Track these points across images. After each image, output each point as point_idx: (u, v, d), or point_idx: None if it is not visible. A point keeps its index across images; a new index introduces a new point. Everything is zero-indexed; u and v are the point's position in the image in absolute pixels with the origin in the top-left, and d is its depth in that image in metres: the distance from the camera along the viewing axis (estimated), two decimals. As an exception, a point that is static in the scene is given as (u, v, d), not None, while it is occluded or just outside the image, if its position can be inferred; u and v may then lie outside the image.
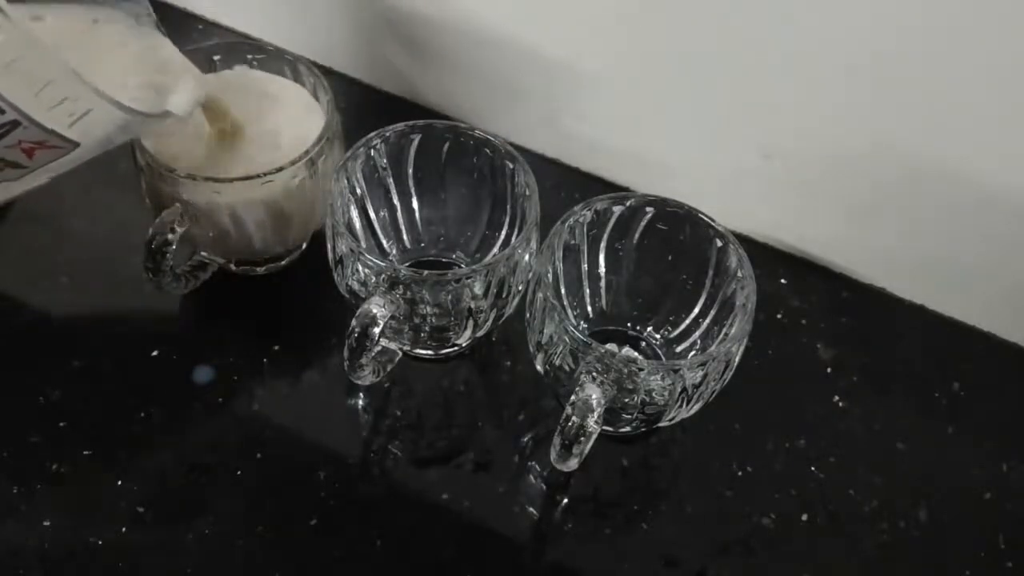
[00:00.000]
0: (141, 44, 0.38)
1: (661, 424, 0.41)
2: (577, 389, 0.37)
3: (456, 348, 0.45)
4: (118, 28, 0.38)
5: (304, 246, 0.48)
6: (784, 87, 0.45)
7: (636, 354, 0.45)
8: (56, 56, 0.30)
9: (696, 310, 0.43)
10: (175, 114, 0.38)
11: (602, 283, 0.45)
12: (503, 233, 0.45)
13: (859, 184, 0.47)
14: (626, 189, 0.53)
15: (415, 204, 0.47)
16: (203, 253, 0.46)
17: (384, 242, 0.47)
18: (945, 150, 0.43)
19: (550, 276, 0.41)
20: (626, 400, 0.38)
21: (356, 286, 0.40)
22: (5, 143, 0.32)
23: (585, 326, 0.46)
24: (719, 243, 0.41)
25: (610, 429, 0.42)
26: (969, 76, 0.40)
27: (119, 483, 0.41)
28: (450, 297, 0.39)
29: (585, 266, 0.45)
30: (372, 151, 0.43)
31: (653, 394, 0.38)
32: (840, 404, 0.46)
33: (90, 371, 0.44)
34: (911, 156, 0.44)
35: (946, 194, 0.45)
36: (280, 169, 0.41)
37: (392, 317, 0.38)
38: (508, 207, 0.44)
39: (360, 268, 0.39)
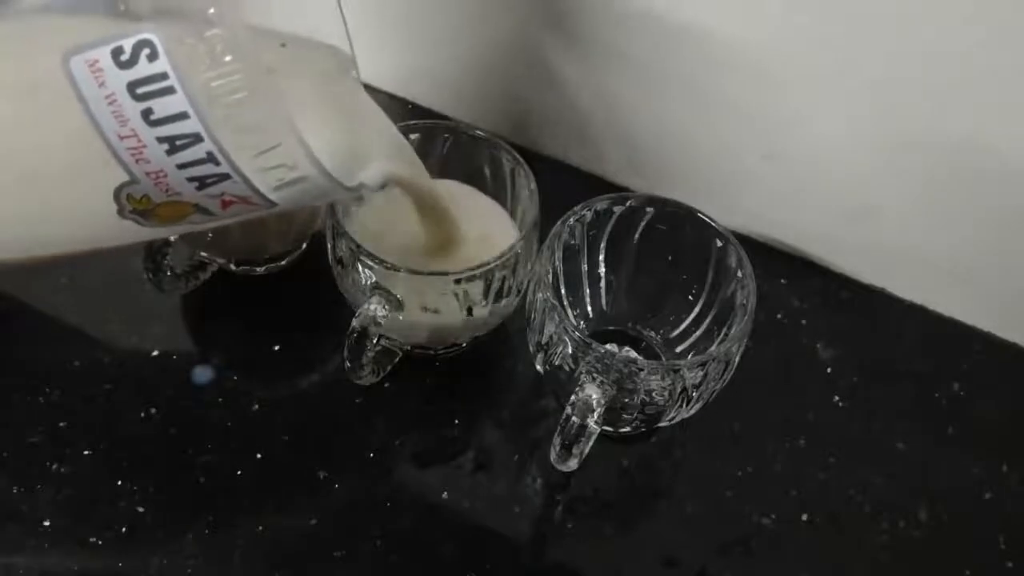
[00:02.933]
0: (350, 105, 0.36)
1: (661, 424, 0.41)
2: (577, 389, 0.37)
3: (457, 348, 0.45)
4: (340, 81, 0.36)
5: (304, 246, 0.48)
6: (788, 92, 0.45)
7: (636, 354, 0.45)
8: (291, 123, 0.29)
9: (696, 310, 0.43)
10: (368, 186, 0.35)
11: (602, 283, 0.45)
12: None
13: (859, 184, 0.47)
14: (626, 189, 0.53)
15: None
16: (203, 253, 0.46)
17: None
18: (945, 152, 0.44)
19: (550, 276, 0.41)
20: (626, 400, 0.38)
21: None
22: (209, 192, 0.31)
23: (585, 326, 0.46)
24: (719, 243, 0.41)
25: (610, 429, 0.42)
26: (969, 78, 0.40)
27: (119, 483, 0.41)
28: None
29: (585, 266, 0.45)
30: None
31: (653, 394, 0.38)
32: (840, 404, 0.46)
33: (90, 371, 0.44)
34: (912, 156, 0.44)
35: (947, 194, 0.45)
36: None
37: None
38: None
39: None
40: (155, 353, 0.45)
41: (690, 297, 0.43)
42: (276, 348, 0.46)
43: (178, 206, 0.32)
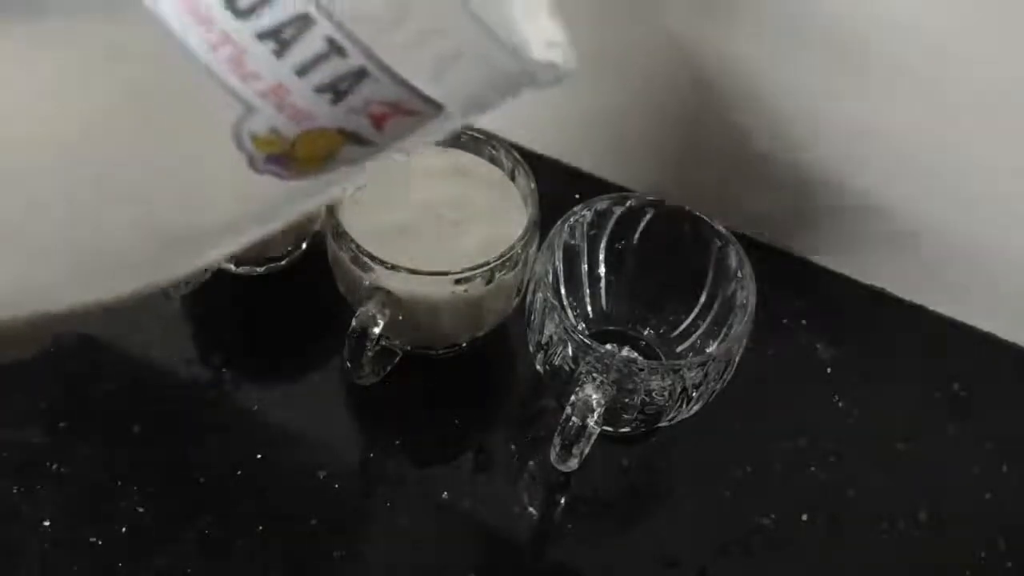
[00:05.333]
0: None
1: (661, 424, 0.41)
2: (577, 389, 0.37)
3: (457, 348, 0.45)
4: None
5: (304, 246, 0.48)
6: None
7: (636, 354, 0.45)
8: None
9: (696, 310, 0.43)
10: (566, 69, 0.25)
11: (602, 283, 0.45)
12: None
13: (858, 186, 0.47)
14: (626, 189, 0.53)
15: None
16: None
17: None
18: (947, 154, 0.44)
19: (550, 276, 0.41)
20: (626, 400, 0.38)
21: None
22: (348, 104, 0.22)
23: (585, 326, 0.46)
24: (719, 243, 0.41)
25: (610, 429, 0.42)
26: (970, 83, 0.40)
27: (119, 483, 0.41)
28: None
29: (585, 266, 0.45)
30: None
31: (653, 394, 0.38)
32: (840, 404, 0.46)
33: (89, 371, 0.44)
34: (912, 159, 0.44)
35: (946, 195, 0.45)
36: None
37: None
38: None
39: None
40: (155, 353, 0.45)
41: (690, 297, 0.43)
42: (276, 348, 0.46)
43: (319, 137, 0.23)
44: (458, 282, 0.39)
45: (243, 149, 0.22)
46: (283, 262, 0.48)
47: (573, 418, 0.36)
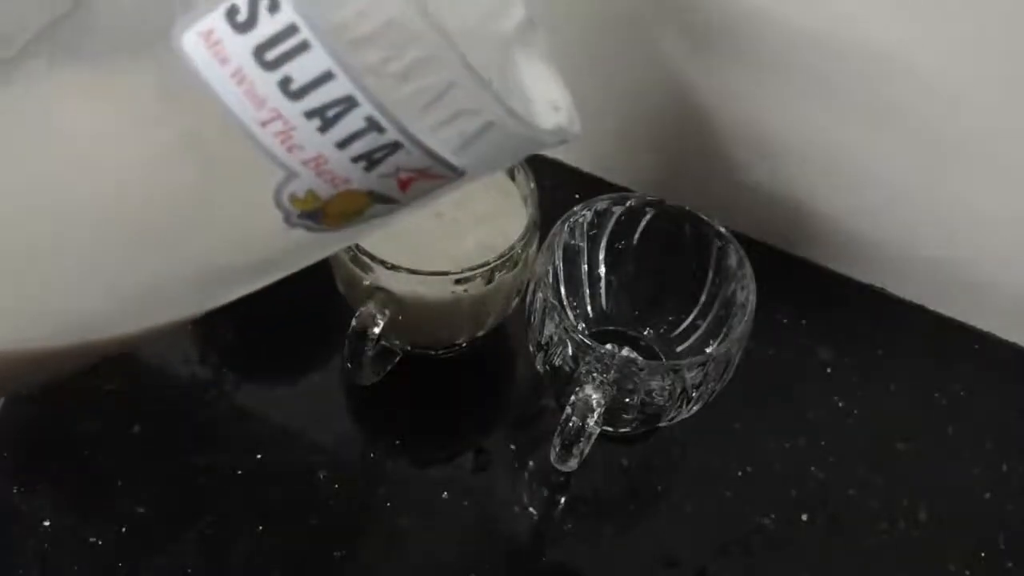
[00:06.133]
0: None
1: (661, 424, 0.41)
2: (577, 390, 0.37)
3: (457, 348, 0.45)
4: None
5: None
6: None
7: (636, 354, 0.45)
8: (460, 53, 0.22)
9: (696, 310, 0.43)
10: (572, 132, 0.28)
11: (602, 283, 0.45)
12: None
13: (858, 186, 0.47)
14: (626, 189, 0.53)
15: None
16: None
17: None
18: (947, 157, 0.44)
19: (550, 276, 0.41)
20: (626, 400, 0.38)
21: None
22: (380, 171, 0.25)
23: (585, 326, 0.46)
24: (719, 243, 0.41)
25: (610, 429, 0.42)
26: (971, 91, 0.40)
27: (119, 483, 0.41)
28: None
29: (585, 266, 0.45)
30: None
31: (653, 394, 0.38)
32: (840, 404, 0.46)
33: (89, 372, 0.44)
34: (912, 159, 0.44)
35: (947, 196, 0.45)
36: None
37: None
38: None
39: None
40: (155, 353, 0.45)
41: (690, 297, 0.43)
42: (276, 348, 0.46)
43: (351, 198, 0.26)
44: (458, 282, 0.39)
45: (281, 207, 0.25)
46: (283, 262, 0.48)
47: (573, 418, 0.36)
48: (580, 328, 0.45)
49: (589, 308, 0.46)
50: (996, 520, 0.43)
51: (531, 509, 0.42)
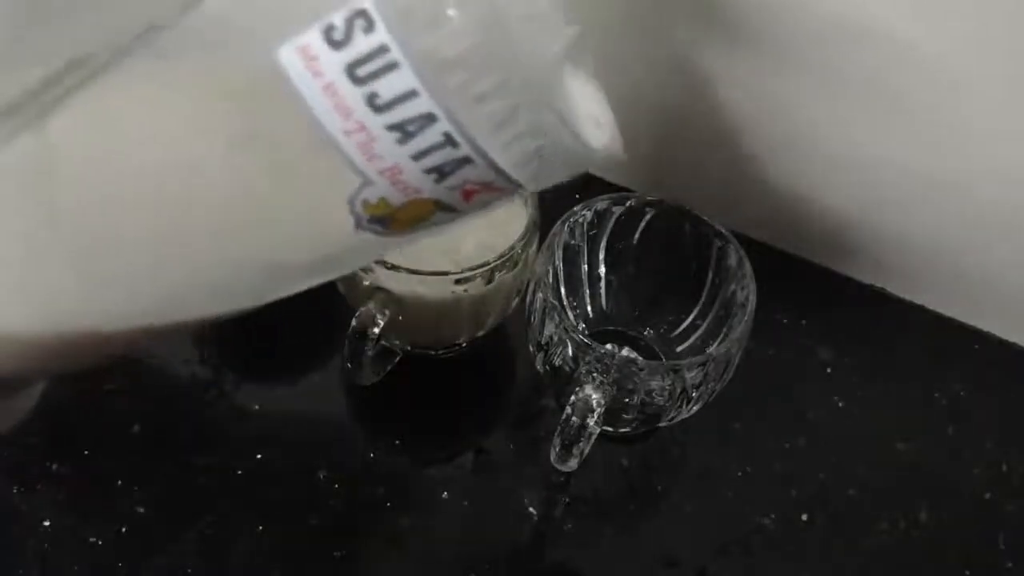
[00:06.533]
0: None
1: (661, 424, 0.41)
2: (577, 390, 0.37)
3: (457, 348, 0.45)
4: None
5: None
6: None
7: (636, 354, 0.45)
8: (533, 79, 0.25)
9: (696, 310, 0.43)
10: (615, 153, 0.30)
11: (602, 283, 0.45)
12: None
13: (858, 186, 0.47)
14: (626, 190, 0.53)
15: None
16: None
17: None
18: (946, 160, 0.44)
19: (550, 276, 0.41)
20: (626, 400, 0.38)
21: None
22: (449, 183, 0.26)
23: (585, 326, 0.46)
24: (719, 243, 0.41)
25: (610, 429, 0.42)
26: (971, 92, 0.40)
27: (119, 483, 0.41)
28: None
29: (585, 266, 0.45)
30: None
31: (653, 394, 0.38)
32: (840, 404, 0.46)
33: (89, 372, 0.44)
34: (913, 159, 0.44)
35: (947, 195, 0.45)
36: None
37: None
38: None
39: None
40: (155, 353, 0.45)
41: (690, 297, 0.43)
42: (276, 348, 0.46)
43: (418, 205, 0.28)
44: (458, 282, 0.39)
45: (353, 211, 0.27)
46: (283, 262, 0.48)
47: (573, 418, 0.36)
48: (580, 328, 0.45)
49: (589, 308, 0.46)
50: (996, 520, 0.43)
51: (531, 509, 0.42)
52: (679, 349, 0.44)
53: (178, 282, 0.30)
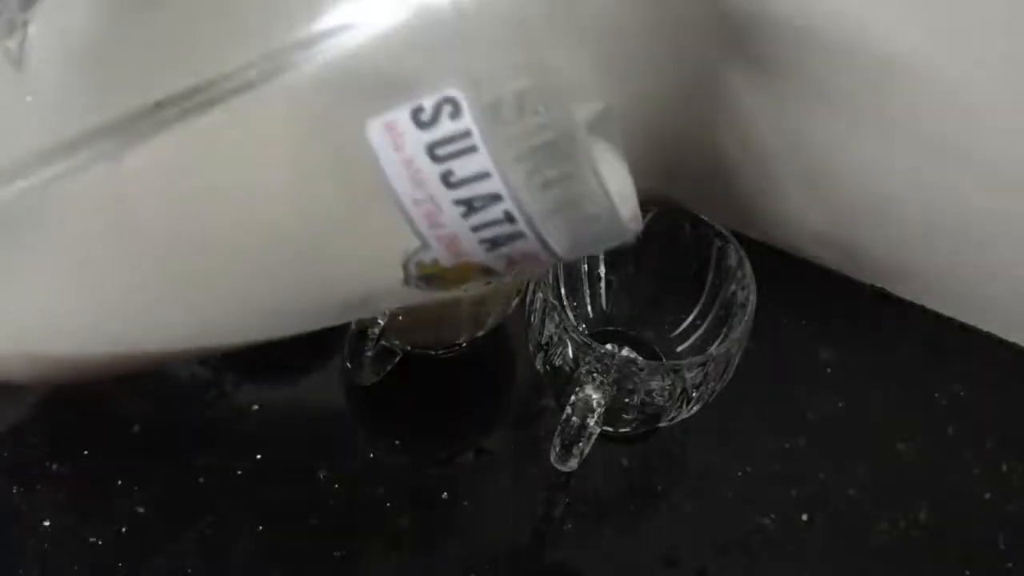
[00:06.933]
0: None
1: (661, 424, 0.41)
2: (577, 390, 0.37)
3: (457, 348, 0.45)
4: None
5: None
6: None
7: (636, 354, 0.45)
8: (599, 174, 0.27)
9: (696, 310, 0.43)
10: (637, 229, 0.32)
11: (602, 283, 0.45)
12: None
13: (858, 186, 0.47)
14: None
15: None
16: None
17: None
18: (948, 156, 0.44)
19: (550, 276, 0.41)
20: (626, 400, 0.38)
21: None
22: (498, 253, 0.29)
23: (585, 326, 0.46)
24: (719, 243, 0.41)
25: (610, 429, 0.42)
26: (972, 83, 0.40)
27: (119, 483, 0.41)
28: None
29: (585, 266, 0.45)
30: None
31: (653, 394, 0.38)
32: (840, 404, 0.46)
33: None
34: (914, 159, 0.44)
35: (948, 195, 0.45)
36: None
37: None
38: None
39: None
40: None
41: (690, 297, 0.43)
42: (276, 348, 0.46)
43: (465, 269, 0.30)
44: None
45: (406, 270, 0.29)
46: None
47: (573, 418, 0.36)
48: (580, 328, 0.45)
49: (589, 308, 0.46)
50: (996, 520, 0.43)
51: (531, 509, 0.42)
52: (679, 349, 0.44)
53: (227, 313, 0.32)
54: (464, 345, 0.45)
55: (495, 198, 0.27)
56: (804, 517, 0.42)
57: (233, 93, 0.27)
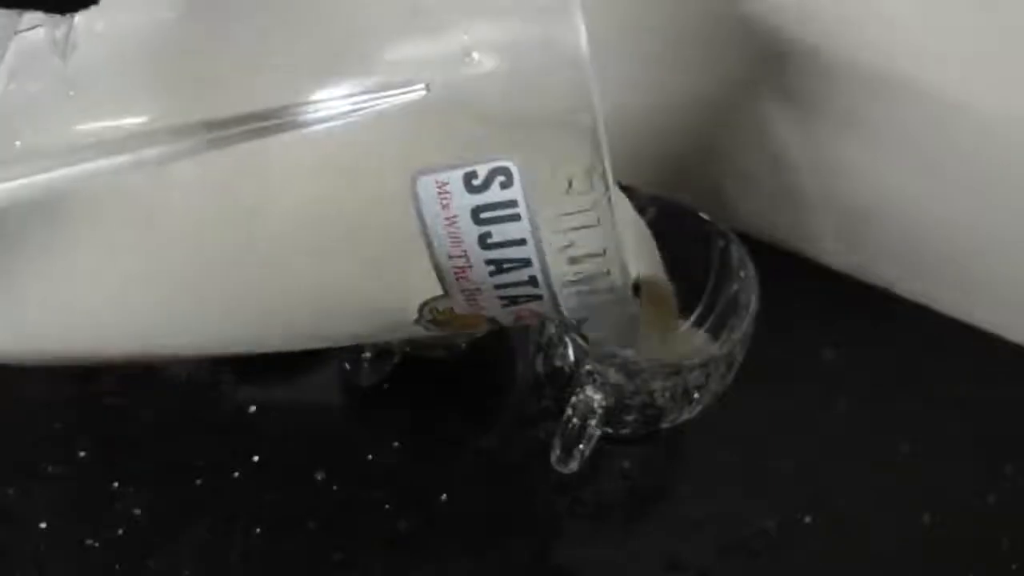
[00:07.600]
0: None
1: (662, 425, 0.40)
2: (578, 391, 0.37)
3: (457, 347, 0.45)
4: None
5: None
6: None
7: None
8: (623, 251, 0.29)
9: (698, 311, 0.43)
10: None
11: (603, 283, 0.45)
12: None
13: (859, 186, 0.47)
14: (627, 188, 0.52)
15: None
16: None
17: None
18: (947, 156, 0.43)
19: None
20: (627, 401, 0.38)
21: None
22: (512, 309, 0.31)
23: (585, 326, 0.45)
24: (720, 243, 0.41)
25: (611, 431, 0.42)
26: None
27: (115, 485, 0.41)
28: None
29: (586, 266, 0.44)
30: None
31: (654, 395, 0.38)
32: (840, 404, 0.46)
33: (87, 372, 0.44)
34: (915, 159, 0.44)
35: (948, 195, 0.45)
36: None
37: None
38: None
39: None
40: (152, 353, 0.45)
41: (692, 297, 0.43)
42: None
43: (475, 319, 0.32)
44: None
45: (420, 312, 0.31)
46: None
47: (573, 420, 0.36)
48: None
49: (589, 308, 0.46)
50: (998, 521, 0.43)
51: (531, 510, 0.42)
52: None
53: (243, 326, 0.34)
54: (464, 345, 0.45)
55: (525, 263, 0.28)
56: (806, 519, 0.42)
57: (295, 126, 0.27)
